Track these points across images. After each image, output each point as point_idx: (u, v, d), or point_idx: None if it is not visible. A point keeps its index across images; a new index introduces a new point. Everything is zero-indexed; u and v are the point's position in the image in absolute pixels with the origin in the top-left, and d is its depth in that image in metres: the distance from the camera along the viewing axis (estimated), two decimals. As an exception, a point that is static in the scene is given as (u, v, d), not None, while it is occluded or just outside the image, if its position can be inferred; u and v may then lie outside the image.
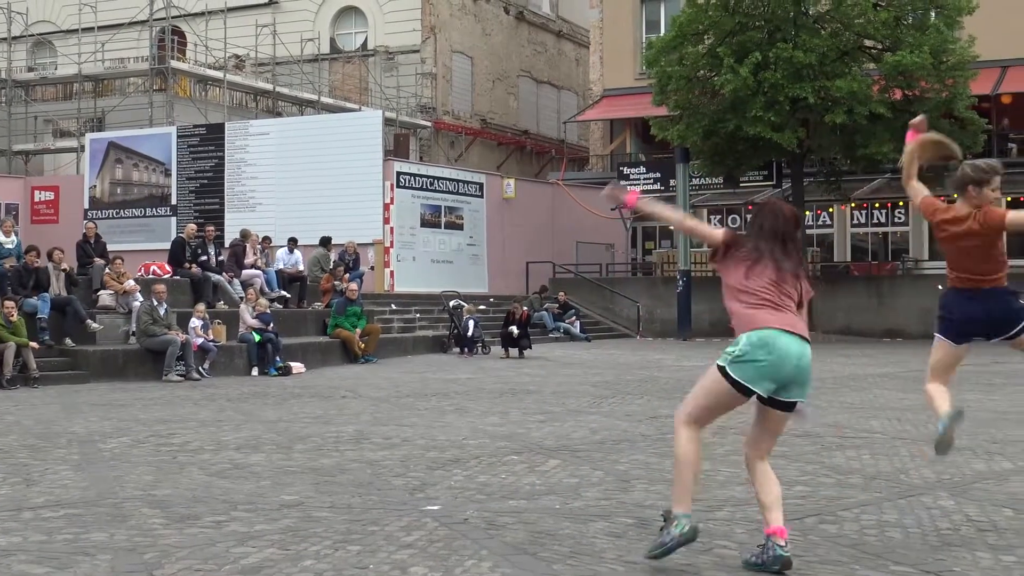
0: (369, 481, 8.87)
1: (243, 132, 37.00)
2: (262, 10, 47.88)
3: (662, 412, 13.75)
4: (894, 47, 32.10)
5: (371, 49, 48.05)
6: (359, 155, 34.84)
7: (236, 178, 36.58)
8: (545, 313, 32.78)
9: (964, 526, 7.19)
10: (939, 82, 32.18)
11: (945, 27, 32.17)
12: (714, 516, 7.51)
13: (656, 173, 40.11)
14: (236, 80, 42.90)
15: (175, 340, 19.46)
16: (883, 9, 32.43)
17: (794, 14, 32.35)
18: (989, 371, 20.43)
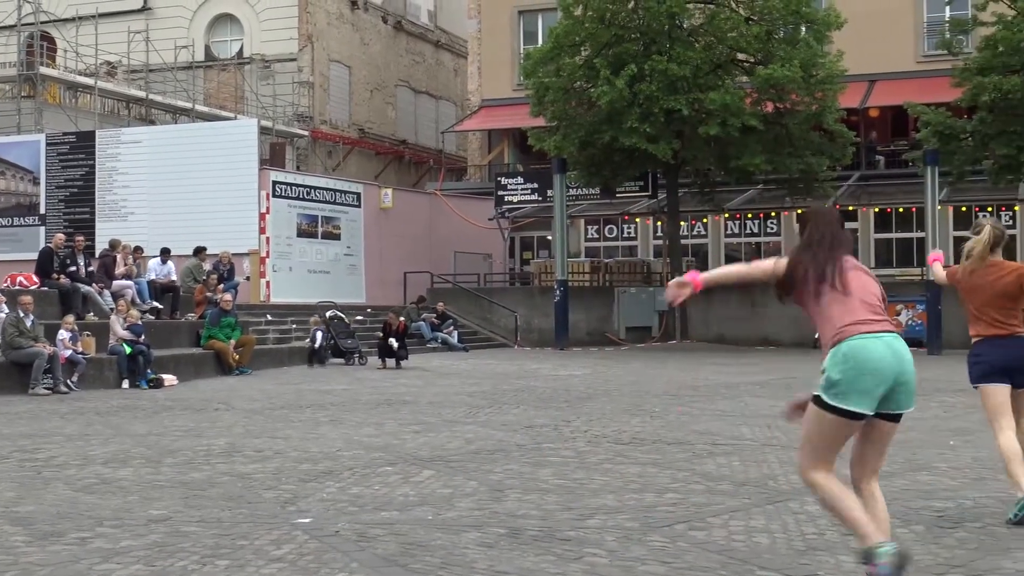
0: (240, 494, 8.75)
1: (115, 140, 36.30)
2: (135, 16, 47.05)
3: (538, 422, 13.80)
4: (766, 61, 32.73)
5: (247, 57, 47.52)
6: (234, 164, 34.38)
7: (108, 187, 35.85)
8: (423, 323, 32.70)
9: (829, 531, 7.32)
10: (809, 95, 32.90)
11: (815, 41, 32.90)
12: (585, 524, 7.55)
13: (533, 183, 40.30)
14: (108, 87, 42.10)
15: (42, 352, 18.98)
16: (755, 23, 33.04)
17: (669, 27, 32.79)
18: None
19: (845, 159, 35.29)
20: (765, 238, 41.20)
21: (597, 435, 12.46)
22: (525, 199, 40.49)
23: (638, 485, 9.10)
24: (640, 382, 20.37)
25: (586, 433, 12.66)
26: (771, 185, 37.36)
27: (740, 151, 32.44)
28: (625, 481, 9.27)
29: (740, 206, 39.11)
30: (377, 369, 25.00)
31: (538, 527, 7.46)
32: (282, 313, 30.79)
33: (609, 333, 35.89)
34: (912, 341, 32.59)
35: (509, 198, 40.59)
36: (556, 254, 35.34)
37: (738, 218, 40.89)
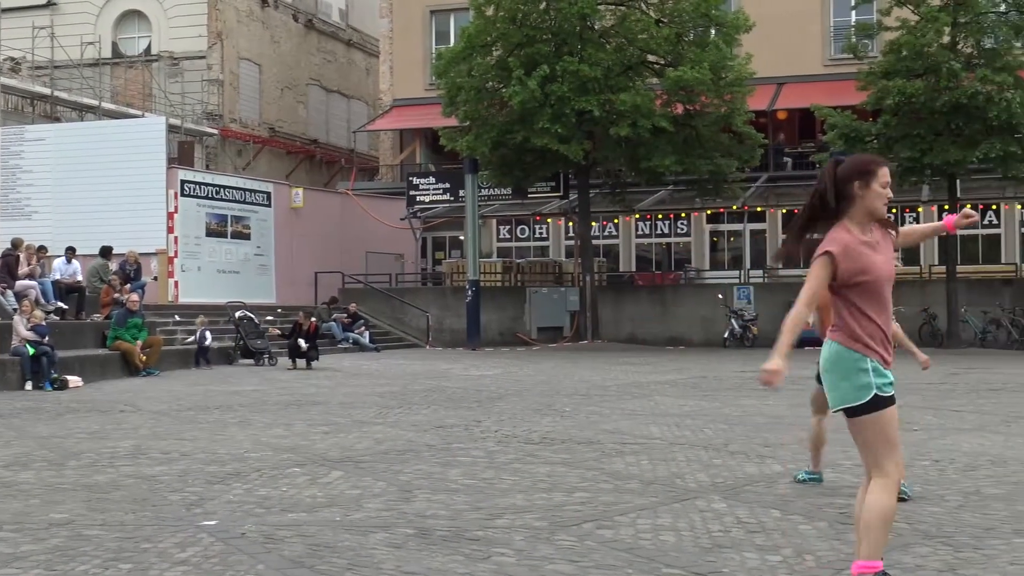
0: (144, 497, 8.63)
1: (18, 138, 35.65)
2: (39, 11, 46.23)
3: (448, 422, 13.79)
4: (676, 63, 33.02)
5: (155, 54, 46.91)
6: (142, 162, 33.95)
7: (11, 185, 35.22)
8: (334, 324, 32.53)
9: (734, 528, 7.40)
10: (718, 97, 33.24)
11: (724, 44, 33.24)
12: (494, 524, 7.55)
13: (445, 183, 40.28)
14: (11, 84, 41.29)
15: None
16: (665, 26, 33.32)
17: (580, 28, 32.94)
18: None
19: (753, 160, 35.71)
20: (675, 239, 41.57)
21: (507, 435, 12.48)
22: (437, 199, 40.45)
23: (547, 484, 9.12)
24: (551, 382, 20.44)
25: (496, 433, 12.67)
26: (681, 186, 37.70)
27: (650, 152, 32.67)
28: (534, 480, 9.29)
29: (651, 207, 39.42)
30: (287, 370, 24.82)
31: (447, 527, 7.45)
32: (191, 313, 30.41)
33: (521, 333, 35.97)
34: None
35: (421, 198, 40.52)
36: (468, 254, 35.36)
37: (648, 219, 41.20)
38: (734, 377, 21.06)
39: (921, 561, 6.45)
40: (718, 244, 41.68)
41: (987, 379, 20.51)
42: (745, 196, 37.25)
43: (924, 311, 33.29)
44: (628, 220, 41.01)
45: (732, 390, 18.40)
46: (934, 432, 12.59)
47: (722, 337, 34.05)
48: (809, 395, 9.57)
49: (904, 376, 20.63)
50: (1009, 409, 15.14)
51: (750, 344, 33.44)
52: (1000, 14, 32.74)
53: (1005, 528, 7.42)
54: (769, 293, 35.63)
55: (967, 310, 33.18)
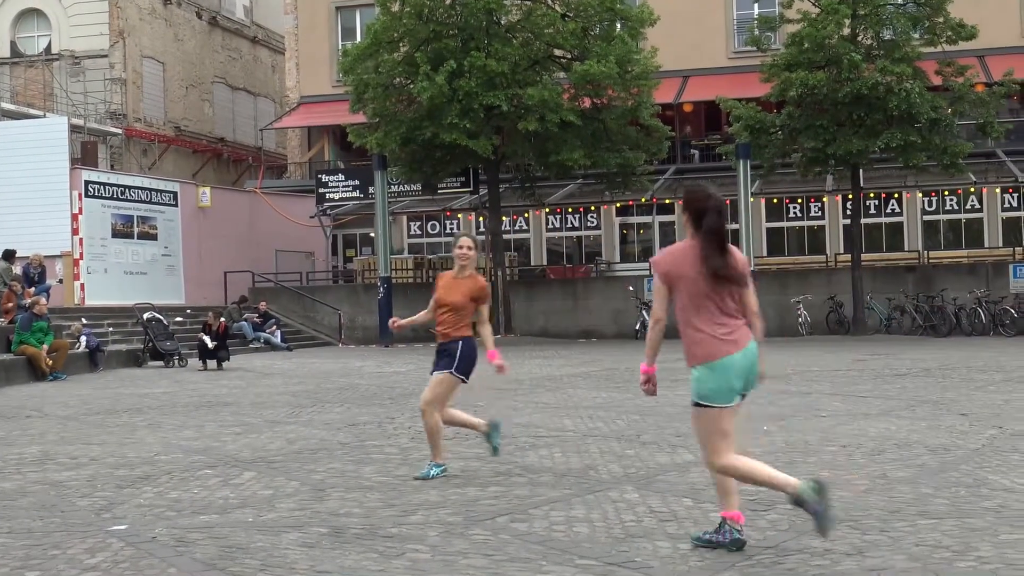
0: (52, 503, 8.51)
1: (-85, 140, 34.89)
2: (-66, 11, 45.31)
3: (361, 419, 13.76)
4: (582, 57, 33.17)
5: (56, 53, 46.12)
6: (44, 163, 33.40)
7: (-91, 188, 34.44)
8: (244, 323, 32.26)
9: (647, 517, 7.48)
10: (625, 91, 33.45)
11: (630, 38, 33.46)
12: (407, 520, 7.55)
13: (355, 180, 40.09)
14: (-93, 85, 40.43)
15: None
16: (571, 20, 33.45)
17: (486, 23, 32.96)
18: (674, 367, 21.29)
19: (661, 153, 36.00)
20: (586, 232, 41.78)
21: (421, 431, 12.43)
22: (347, 196, 40.26)
23: (461, 480, 9.14)
24: (464, 377, 20.42)
25: (410, 430, 12.67)
26: (590, 179, 37.91)
27: (559, 146, 32.80)
28: (448, 476, 9.30)
29: (561, 200, 39.58)
30: (197, 371, 24.56)
31: (360, 525, 7.44)
32: (98, 316, 30.02)
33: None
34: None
35: (331, 195, 40.30)
36: (379, 251, 35.23)
37: (559, 212, 41.38)
38: (646, 368, 21.18)
39: (830, 545, 6.56)
40: (628, 236, 41.98)
41: (892, 365, 20.89)
42: (653, 188, 37.56)
43: (830, 299, 33.82)
44: (538, 214, 41.16)
45: (644, 381, 18.50)
46: (842, 418, 12.81)
47: (634, 329, 34.29)
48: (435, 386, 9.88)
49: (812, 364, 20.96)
50: (913, 394, 15.44)
51: (661, 335, 33.67)
52: (898, 6, 33.35)
53: (910, 510, 7.58)
54: (679, 284, 35.93)
55: (872, 297, 33.77)
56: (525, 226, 42.02)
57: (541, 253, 41.97)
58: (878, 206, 39.37)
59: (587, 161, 33.82)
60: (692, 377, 6.58)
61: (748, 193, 33.00)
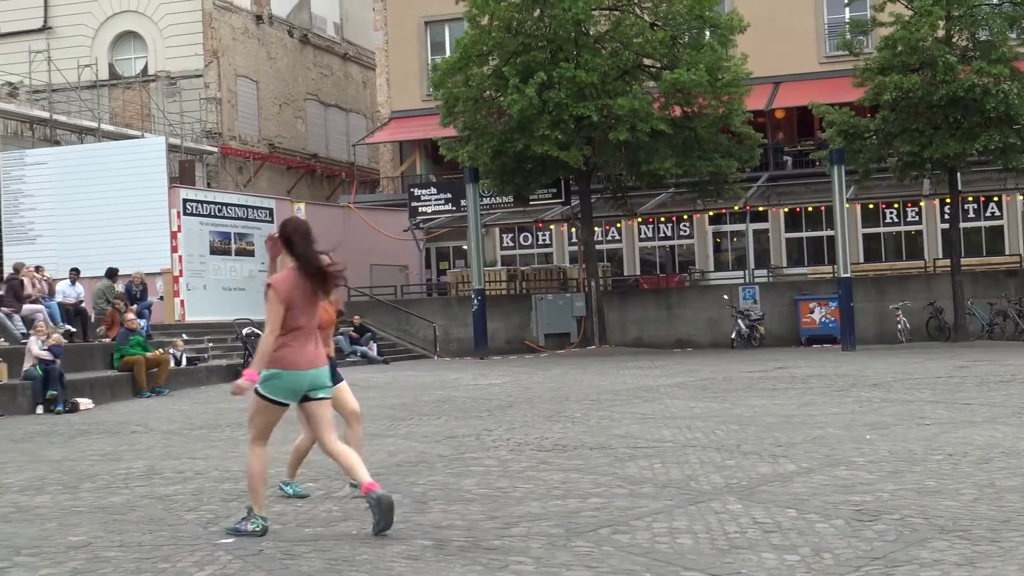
0: (160, 517, 8.66)
1: (19, 162, 35.70)
2: (35, 36, 46.32)
3: (459, 432, 13.80)
4: (672, 65, 33.01)
5: (152, 74, 46.98)
6: (143, 183, 34.00)
7: (13, 210, 35.27)
8: (341, 337, 32.52)
9: (751, 528, 7.42)
10: (716, 98, 33.24)
11: (719, 45, 33.24)
12: (510, 533, 7.56)
13: (447, 193, 40.30)
14: (10, 108, 41.35)
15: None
16: (660, 29, 33.31)
17: (575, 34, 32.96)
18: (773, 376, 21.13)
19: (753, 160, 35.72)
20: (679, 241, 41.58)
21: (519, 443, 12.50)
22: (439, 209, 40.48)
23: (561, 491, 9.14)
24: (560, 388, 20.44)
25: (508, 441, 12.69)
26: (682, 188, 37.73)
27: (650, 155, 32.68)
28: (548, 488, 9.31)
29: (652, 210, 39.43)
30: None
31: (463, 537, 7.47)
32: (198, 332, 30.49)
33: (528, 340, 35.99)
34: (826, 338, 33.30)
35: (423, 209, 40.54)
36: (472, 263, 35.35)
37: (651, 222, 41.22)
38: (743, 378, 21.05)
39: (939, 556, 6.46)
40: (721, 245, 41.70)
41: (996, 371, 20.50)
42: (747, 196, 37.27)
43: (930, 305, 33.29)
44: (631, 224, 41.02)
45: (742, 391, 18.39)
46: (946, 426, 12.61)
47: (729, 338, 34.04)
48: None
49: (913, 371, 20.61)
50: (1019, 400, 15.15)
51: (758, 344, 33.43)
52: (993, 6, 32.73)
53: (1021, 520, 7.43)
54: (775, 292, 35.67)
55: (973, 302, 33.18)
56: (617, 236, 41.91)
57: (634, 263, 41.84)
58: (977, 209, 38.68)
59: (679, 170, 33.66)
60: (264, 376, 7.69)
61: (843, 199, 32.57)
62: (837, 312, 32.73)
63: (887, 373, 20.77)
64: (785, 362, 25.28)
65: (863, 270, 36.85)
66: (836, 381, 19.54)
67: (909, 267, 37.54)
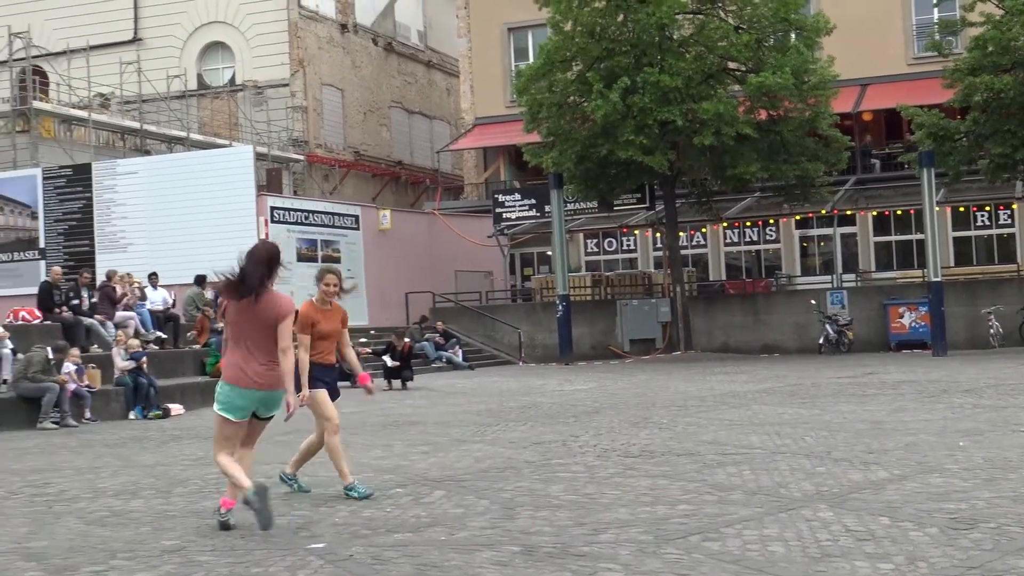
0: (252, 522, 8.73)
1: (111, 172, 36.35)
2: (126, 47, 47.15)
3: (546, 438, 13.80)
4: (757, 68, 32.76)
5: (239, 84, 47.60)
6: (231, 191, 34.44)
7: (106, 219, 35.91)
8: (427, 343, 32.69)
9: (843, 536, 7.33)
10: (802, 101, 32.92)
11: (805, 48, 32.92)
12: (598, 539, 7.54)
13: (531, 199, 40.35)
14: (102, 119, 42.14)
15: (53, 387, 18.94)
16: (745, 32, 33.09)
17: (659, 39, 32.82)
18: (863, 382, 20.87)
19: (840, 164, 35.32)
20: (764, 245, 41.24)
21: (606, 449, 12.46)
22: (523, 215, 40.53)
23: (650, 498, 9.10)
24: (646, 394, 20.37)
25: (595, 447, 12.66)
26: (768, 192, 37.41)
27: (735, 159, 32.46)
28: (636, 494, 9.27)
29: (738, 214, 39.11)
30: (383, 391, 24.99)
31: (552, 543, 7.46)
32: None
33: (613, 346, 35.89)
34: (916, 343, 32.81)
35: (507, 215, 40.63)
36: (556, 269, 35.34)
37: (737, 226, 40.91)
38: (832, 383, 20.82)
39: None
40: (808, 249, 41.29)
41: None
42: (834, 200, 36.87)
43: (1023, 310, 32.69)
44: (716, 228, 40.75)
45: (831, 396, 18.19)
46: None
47: (817, 343, 33.68)
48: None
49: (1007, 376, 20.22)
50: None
51: (846, 349, 33.02)
52: (1089, 3, 32.06)
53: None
54: (863, 297, 35.21)
55: (1068, 306, 32.54)
56: (703, 241, 41.66)
57: (719, 268, 41.56)
58: (1071, 211, 37.95)
59: (764, 174, 33.40)
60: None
61: (933, 202, 32.07)
62: (927, 317, 32.23)
63: (979, 378, 20.42)
64: (875, 367, 24.96)
65: (954, 274, 36.27)
66: (927, 387, 19.26)
67: (1001, 271, 36.87)
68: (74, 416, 19.20)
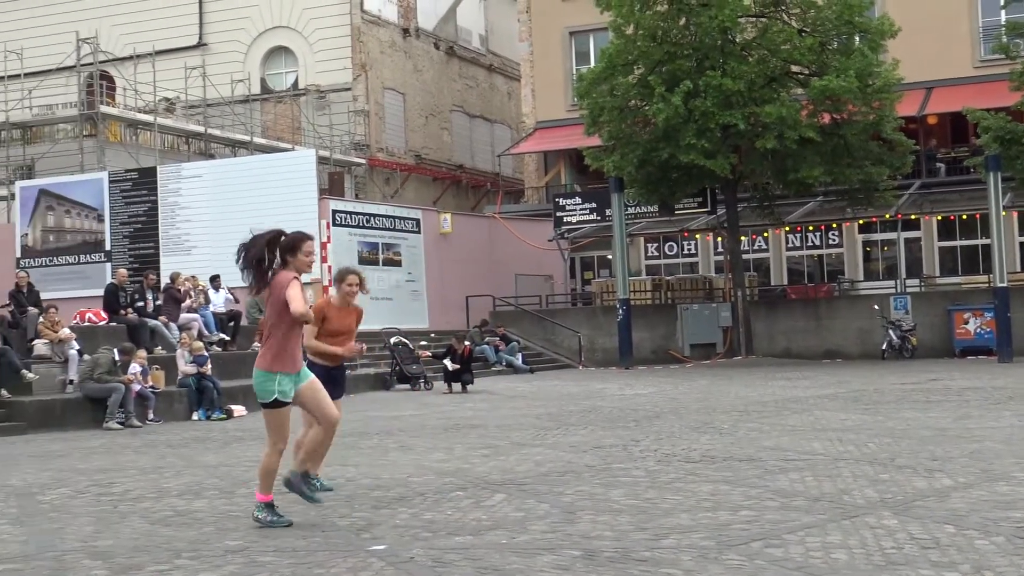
0: (314, 523, 8.80)
1: (176, 175, 36.75)
2: (191, 52, 47.66)
3: (606, 442, 13.77)
4: (820, 72, 32.52)
5: (302, 88, 47.96)
6: (294, 194, 34.68)
7: (170, 221, 36.31)
8: (487, 347, 32.76)
9: (907, 544, 7.25)
10: (866, 105, 32.64)
11: (869, 51, 32.63)
12: (660, 544, 7.51)
13: (592, 203, 40.31)
14: (167, 123, 42.61)
15: (119, 388, 19.19)
16: (808, 35, 32.86)
17: (721, 42, 32.68)
18: (927, 388, 20.65)
19: (905, 168, 34.99)
20: (827, 250, 40.92)
21: (667, 454, 12.42)
22: (584, 219, 40.52)
23: (711, 503, 9.05)
24: (707, 399, 20.27)
25: (656, 452, 12.61)
26: (831, 196, 37.10)
27: (798, 163, 32.25)
28: (698, 500, 9.23)
29: (801, 219, 38.84)
30: (443, 394, 25.06)
31: (613, 548, 7.44)
32: (346, 341, 30.88)
33: (673, 351, 35.76)
34: (981, 349, 32.39)
35: (568, 219, 40.62)
36: (617, 273, 35.28)
37: (799, 231, 40.61)
38: (895, 389, 20.61)
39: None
40: (871, 254, 40.91)
41: None
42: (898, 204, 36.52)
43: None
44: (778, 233, 40.48)
45: (894, 403, 18.01)
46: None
47: (880, 349, 33.37)
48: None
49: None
50: None
51: (910, 355, 32.68)
52: None
53: None
54: (927, 302, 34.84)
55: None
56: (764, 245, 41.42)
57: (781, 272, 41.28)
58: None
59: (827, 178, 33.16)
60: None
61: (999, 206, 31.66)
62: (993, 323, 31.83)
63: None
64: (939, 374, 24.69)
65: (1020, 279, 35.76)
66: (993, 394, 19.01)
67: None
68: (138, 417, 19.44)
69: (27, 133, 42.92)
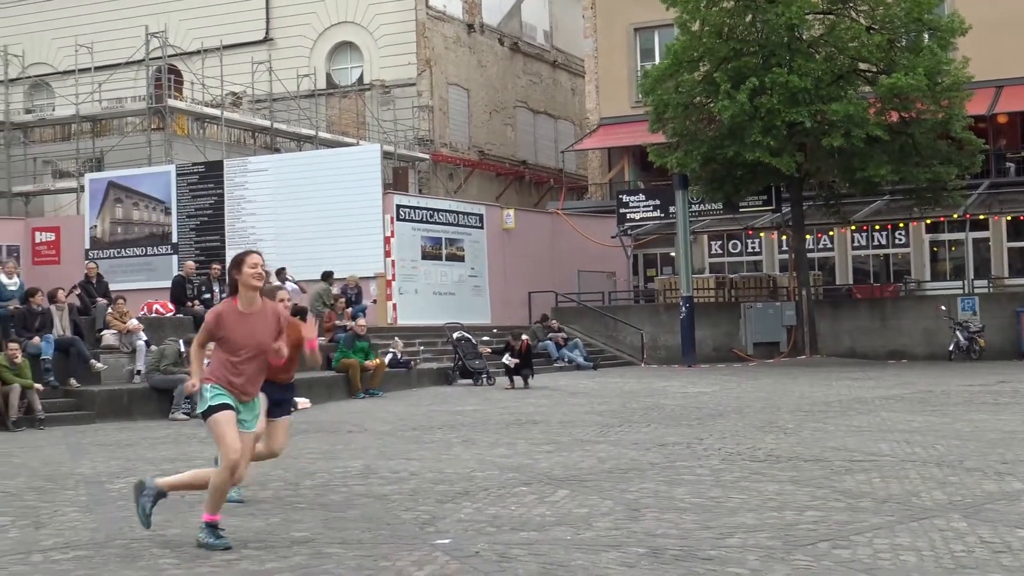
0: (379, 516, 8.85)
1: (242, 169, 37.04)
2: (258, 47, 48.01)
3: (669, 440, 13.72)
4: (889, 70, 32.16)
5: (367, 83, 48.16)
6: (358, 189, 34.86)
7: (236, 215, 36.60)
8: (549, 343, 32.73)
9: (978, 548, 7.17)
10: (935, 103, 32.21)
11: (939, 48, 32.21)
12: (725, 543, 7.48)
13: (655, 200, 40.13)
14: (233, 117, 42.96)
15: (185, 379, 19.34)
16: (876, 32, 32.52)
17: (788, 39, 32.39)
18: (995, 390, 20.38)
19: (974, 167, 34.51)
20: (893, 250, 40.50)
21: (731, 453, 12.36)
22: (647, 216, 40.34)
23: (777, 503, 8.99)
24: (771, 398, 20.13)
25: (719, 451, 12.55)
26: (898, 195, 36.69)
27: (865, 162, 31.90)
28: (763, 499, 9.17)
29: (867, 218, 38.45)
30: (505, 389, 25.09)
31: (678, 546, 7.42)
32: (409, 335, 31.07)
33: (736, 349, 35.55)
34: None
35: (631, 215, 40.47)
36: (680, 270, 35.11)
37: (865, 230, 40.21)
38: (963, 391, 20.37)
39: None
40: (938, 254, 40.43)
41: None
42: (966, 204, 36.04)
43: None
44: (843, 232, 40.10)
45: (962, 405, 17.80)
46: None
47: (947, 350, 32.97)
48: None
49: None
50: None
51: (977, 357, 32.25)
52: None
53: None
54: (996, 304, 34.37)
55: None
56: (829, 244, 41.06)
57: (846, 272, 40.90)
58: None
59: (895, 177, 32.77)
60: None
61: (1070, 207, 31.23)
62: (1063, 326, 31.36)
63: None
64: (1007, 376, 24.36)
65: (1091, 281, 35.26)
66: (1063, 398, 18.74)
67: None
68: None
69: (96, 126, 43.43)
